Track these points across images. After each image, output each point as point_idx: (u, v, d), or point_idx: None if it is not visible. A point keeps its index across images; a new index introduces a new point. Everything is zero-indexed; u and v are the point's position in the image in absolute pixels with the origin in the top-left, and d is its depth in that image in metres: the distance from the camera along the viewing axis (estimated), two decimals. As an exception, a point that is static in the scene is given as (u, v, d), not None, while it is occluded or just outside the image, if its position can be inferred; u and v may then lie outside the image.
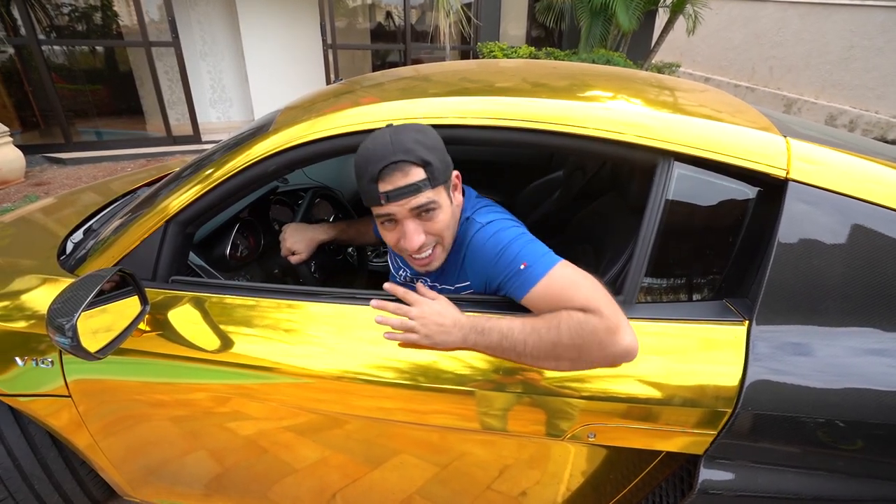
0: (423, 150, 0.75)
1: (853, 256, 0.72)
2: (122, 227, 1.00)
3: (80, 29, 4.92)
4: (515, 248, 0.77)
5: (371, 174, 0.75)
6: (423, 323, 0.78)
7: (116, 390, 0.96)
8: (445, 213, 0.80)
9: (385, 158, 0.73)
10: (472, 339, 0.76)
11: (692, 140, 0.78)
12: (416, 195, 0.75)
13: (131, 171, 3.94)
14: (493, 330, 0.75)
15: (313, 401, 0.87)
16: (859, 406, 0.69)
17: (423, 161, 0.74)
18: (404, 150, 0.74)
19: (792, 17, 7.46)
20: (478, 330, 0.76)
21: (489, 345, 0.75)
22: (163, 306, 0.93)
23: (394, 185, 0.74)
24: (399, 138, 0.75)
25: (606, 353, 0.70)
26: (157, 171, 1.81)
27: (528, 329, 0.73)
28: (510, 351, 0.74)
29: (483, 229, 0.82)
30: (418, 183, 0.74)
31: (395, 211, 0.77)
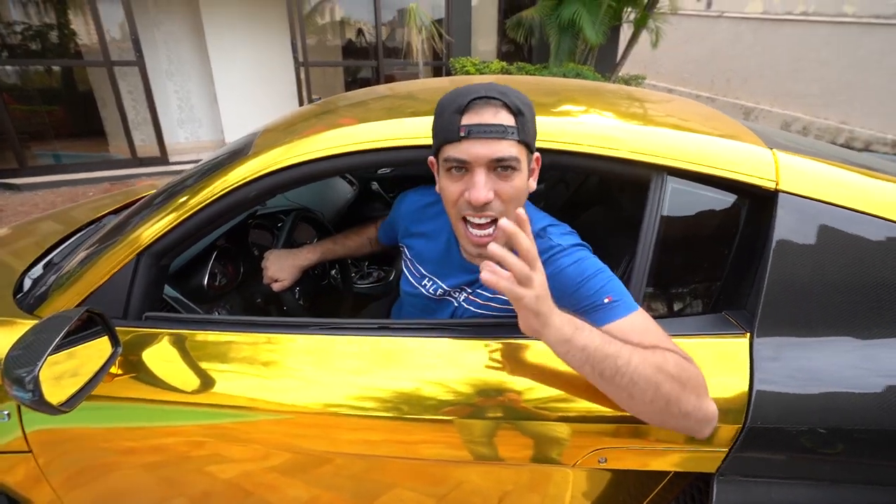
0: (519, 100, 0.69)
1: (846, 263, 0.73)
2: (87, 261, 0.93)
3: (35, 48, 4.72)
4: (601, 281, 0.71)
5: (458, 105, 0.68)
6: (540, 281, 0.61)
7: (82, 439, 0.88)
8: (521, 178, 0.72)
9: (479, 91, 0.68)
10: (571, 330, 0.61)
11: (685, 154, 0.78)
12: (500, 140, 0.68)
13: (94, 195, 3.76)
14: (595, 332, 0.62)
15: (296, 437, 0.82)
16: (869, 414, 0.69)
17: (516, 109, 0.68)
18: (501, 91, 0.69)
19: (745, 31, 7.90)
20: (578, 323, 0.62)
21: (588, 343, 0.60)
22: (136, 346, 0.86)
23: (481, 120, 0.68)
24: (495, 84, 0.71)
25: (701, 403, 0.61)
26: (124, 197, 1.72)
27: (630, 346, 0.61)
28: (610, 359, 0.60)
29: (566, 252, 0.76)
30: (507, 126, 0.68)
31: (473, 155, 0.68)
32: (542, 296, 0.60)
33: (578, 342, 0.61)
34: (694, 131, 0.83)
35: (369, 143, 0.84)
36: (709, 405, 0.63)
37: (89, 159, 4.93)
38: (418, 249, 0.96)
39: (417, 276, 0.96)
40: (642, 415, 0.64)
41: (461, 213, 0.74)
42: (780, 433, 0.70)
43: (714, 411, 0.63)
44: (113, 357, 0.80)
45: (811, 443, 0.70)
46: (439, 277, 0.92)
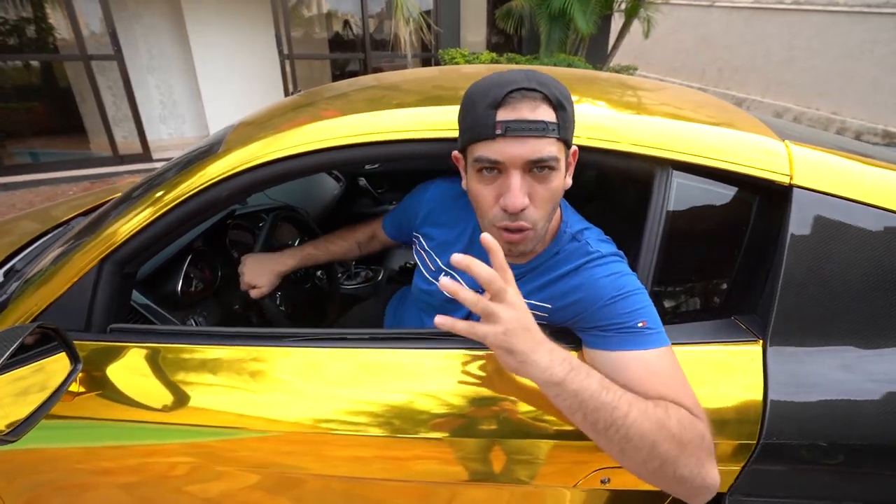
0: (559, 93, 0.61)
1: (867, 264, 0.68)
2: (47, 269, 0.86)
3: (8, 42, 4.54)
4: (638, 302, 0.64)
5: (492, 98, 0.59)
6: (510, 316, 0.54)
7: (40, 462, 0.81)
8: (559, 179, 0.64)
9: (516, 83, 0.59)
10: (563, 370, 0.55)
11: (692, 147, 0.72)
12: (540, 137, 0.59)
13: (73, 194, 3.64)
14: (593, 375, 0.56)
15: (281, 454, 0.76)
16: (891, 429, 0.65)
17: (557, 102, 0.60)
18: (540, 81, 0.60)
19: (736, 20, 7.86)
20: (573, 364, 0.56)
21: (582, 388, 0.54)
22: (100, 361, 0.79)
23: (519, 115, 0.59)
24: (535, 72, 0.62)
25: (702, 469, 0.55)
26: (106, 194, 1.63)
27: (632, 395, 0.56)
28: (605, 409, 0.54)
29: (604, 262, 0.69)
30: (548, 123, 0.59)
31: (508, 153, 0.60)
32: (515, 330, 0.54)
33: (571, 386, 0.54)
34: (700, 122, 0.77)
35: (352, 138, 0.78)
36: (709, 473, 0.56)
37: (69, 157, 4.77)
38: (440, 240, 0.87)
39: (434, 270, 0.87)
40: (631, 471, 0.58)
41: (495, 223, 0.66)
42: (797, 449, 0.65)
43: (714, 481, 0.56)
44: (72, 375, 0.73)
45: (832, 460, 0.66)
46: (460, 274, 0.82)
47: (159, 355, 0.79)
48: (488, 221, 0.67)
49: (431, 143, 0.77)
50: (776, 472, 0.68)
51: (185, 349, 0.79)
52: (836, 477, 0.68)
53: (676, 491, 0.57)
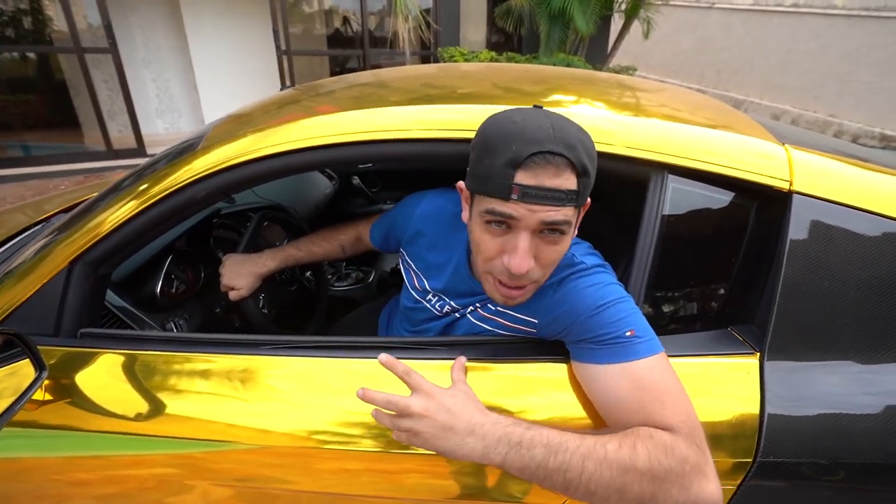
0: (587, 157, 0.56)
1: (871, 273, 0.65)
2: (15, 269, 0.82)
3: (2, 34, 4.48)
4: (623, 310, 0.62)
5: (514, 156, 0.54)
6: (425, 423, 0.56)
7: (13, 472, 0.78)
8: (568, 241, 0.61)
9: (541, 143, 0.54)
10: (500, 454, 0.54)
11: (688, 151, 0.69)
12: (558, 207, 0.56)
13: (66, 188, 3.59)
14: (536, 443, 0.54)
15: (267, 467, 0.72)
16: (893, 446, 0.62)
17: (582, 168, 0.55)
18: (568, 144, 0.54)
19: (735, 23, 7.85)
20: (512, 441, 0.54)
21: (525, 464, 0.54)
22: (69, 367, 0.76)
23: (538, 182, 0.54)
24: (563, 126, 0.56)
25: (689, 494, 0.52)
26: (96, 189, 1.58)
27: (588, 445, 0.53)
28: (557, 474, 0.53)
29: (588, 273, 0.66)
30: (567, 192, 0.55)
31: (522, 215, 0.56)
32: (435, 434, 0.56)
33: (513, 466, 0.54)
34: (697, 124, 0.74)
35: (334, 137, 0.74)
36: (701, 493, 0.53)
37: (62, 151, 4.70)
38: (428, 263, 0.84)
39: (420, 290, 0.85)
40: None
41: (493, 273, 0.63)
42: (795, 466, 0.62)
43: (712, 496, 0.53)
44: (35, 383, 0.69)
45: (832, 477, 0.63)
46: (448, 295, 0.81)
47: (134, 362, 0.76)
48: (486, 269, 0.64)
49: (422, 143, 0.74)
50: (774, 490, 0.65)
51: (162, 356, 0.76)
52: (836, 495, 0.66)
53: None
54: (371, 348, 0.74)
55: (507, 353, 0.71)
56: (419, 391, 0.59)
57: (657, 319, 0.75)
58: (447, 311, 0.82)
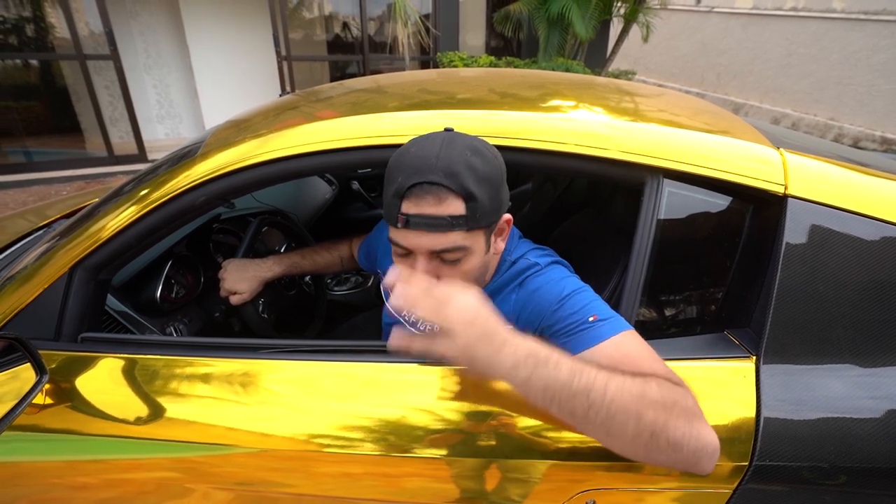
0: (473, 179, 0.58)
1: (867, 277, 0.65)
2: (18, 274, 0.83)
3: (4, 41, 4.51)
4: (584, 299, 0.64)
5: (398, 186, 0.58)
6: (463, 325, 0.52)
7: (12, 476, 0.78)
8: (475, 260, 0.64)
9: (420, 173, 0.57)
10: (527, 370, 0.51)
11: (683, 155, 0.70)
12: (443, 233, 0.59)
13: (67, 194, 3.60)
14: (562, 363, 0.52)
15: (267, 471, 0.72)
16: (892, 450, 0.62)
17: (466, 194, 0.58)
18: (449, 171, 0.57)
19: (735, 26, 7.88)
20: (539, 357, 0.52)
21: (550, 382, 0.51)
22: (70, 371, 0.76)
23: (419, 210, 0.58)
24: (449, 153, 0.59)
25: (693, 429, 0.52)
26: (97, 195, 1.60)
27: (607, 371, 0.52)
28: (580, 395, 0.51)
29: (544, 272, 0.69)
30: (452, 218, 0.58)
31: (412, 244, 0.61)
32: (472, 341, 0.52)
33: (539, 383, 0.51)
34: (692, 129, 0.75)
35: (338, 142, 0.75)
36: (703, 431, 0.53)
37: (63, 157, 4.72)
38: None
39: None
40: (624, 452, 0.55)
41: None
42: (792, 470, 0.62)
43: (712, 440, 0.53)
44: (36, 387, 0.70)
45: (829, 481, 0.63)
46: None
47: (135, 366, 0.76)
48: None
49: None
50: (770, 494, 0.65)
51: (162, 360, 0.76)
52: (833, 499, 0.66)
53: (677, 460, 0.53)
54: (371, 352, 0.75)
55: None
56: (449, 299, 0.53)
57: (653, 323, 0.75)
58: (418, 324, 0.84)
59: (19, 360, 0.70)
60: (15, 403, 0.67)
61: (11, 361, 0.69)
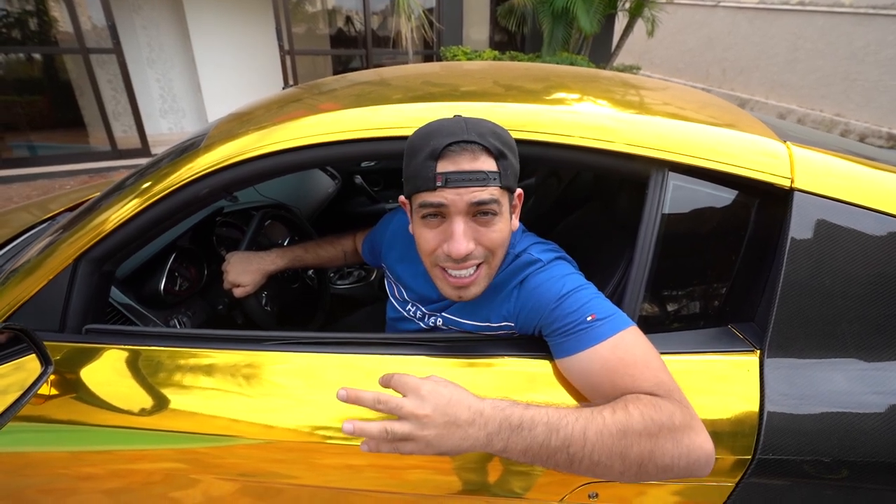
0: (500, 142, 0.63)
1: (872, 271, 0.65)
2: (23, 266, 0.83)
3: (8, 35, 4.51)
4: (583, 297, 0.64)
5: (431, 149, 0.61)
6: (424, 423, 0.52)
7: (20, 467, 0.79)
8: (503, 223, 0.65)
9: (455, 134, 0.61)
10: (502, 440, 0.52)
11: (688, 148, 0.69)
12: (482, 187, 0.61)
13: (71, 188, 3.61)
14: (537, 423, 0.52)
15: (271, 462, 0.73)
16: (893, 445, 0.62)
17: (498, 152, 0.62)
18: (479, 133, 0.62)
19: (741, 21, 7.80)
20: (512, 424, 0.52)
21: (528, 446, 0.52)
22: (74, 363, 0.76)
23: (458, 167, 0.61)
24: (475, 122, 0.64)
25: (681, 448, 0.53)
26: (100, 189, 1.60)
27: (586, 416, 0.53)
28: (560, 451, 0.52)
29: (546, 268, 0.70)
30: (488, 172, 0.61)
31: (450, 200, 0.61)
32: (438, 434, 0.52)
33: (517, 448, 0.52)
34: (698, 122, 0.74)
35: (341, 134, 0.75)
36: (694, 444, 0.53)
37: (67, 151, 4.74)
38: (404, 274, 0.87)
39: (401, 300, 0.88)
40: (616, 481, 0.57)
41: (438, 263, 0.67)
42: (795, 464, 0.62)
43: (704, 450, 0.54)
44: (41, 378, 0.70)
45: (832, 475, 0.63)
46: (422, 303, 0.84)
47: (139, 358, 0.77)
48: (431, 263, 0.68)
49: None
50: (773, 488, 0.65)
51: (166, 351, 0.77)
52: (835, 493, 0.66)
53: (671, 477, 0.54)
54: (374, 344, 0.75)
55: (508, 350, 0.71)
56: (414, 391, 0.54)
57: (657, 316, 0.75)
58: (423, 318, 0.84)
59: (24, 351, 0.70)
60: (20, 394, 0.68)
61: (17, 352, 0.69)
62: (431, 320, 0.82)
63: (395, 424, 0.52)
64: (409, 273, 0.85)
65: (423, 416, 0.52)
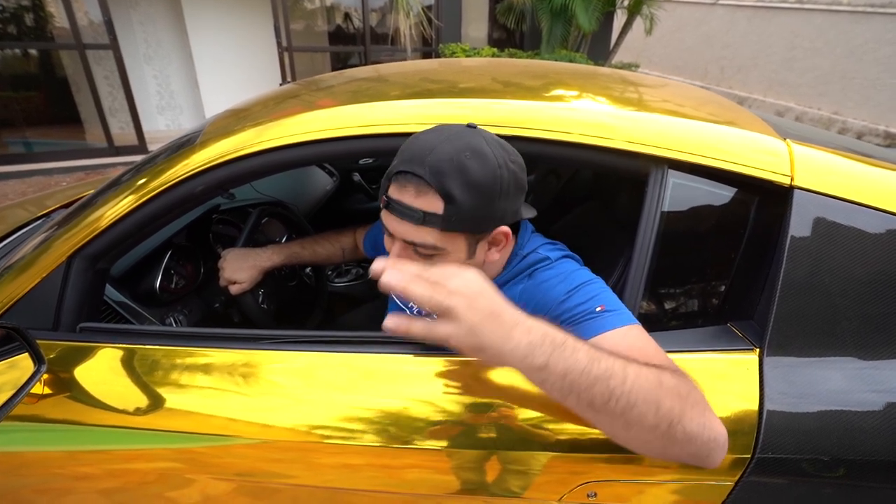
0: (460, 182, 0.57)
1: (873, 269, 0.64)
2: (16, 263, 0.82)
3: (7, 30, 4.47)
4: (592, 290, 0.63)
5: (392, 168, 0.62)
6: (467, 304, 0.46)
7: (15, 466, 0.78)
8: (451, 263, 0.62)
9: (409, 162, 0.59)
10: (545, 353, 0.46)
11: (688, 145, 0.69)
12: (415, 226, 0.60)
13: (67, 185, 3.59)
14: (579, 347, 0.47)
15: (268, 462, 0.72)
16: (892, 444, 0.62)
17: (445, 194, 0.57)
18: (435, 168, 0.57)
19: (739, 19, 7.80)
20: (556, 341, 0.47)
21: (569, 367, 0.46)
22: (68, 361, 0.76)
23: (399, 197, 0.60)
24: (445, 149, 0.58)
25: (705, 419, 0.50)
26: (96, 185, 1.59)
27: (622, 359, 0.49)
28: (600, 382, 0.46)
29: (554, 265, 0.70)
30: (425, 214, 0.58)
31: (391, 226, 0.63)
32: (479, 322, 0.46)
33: (557, 368, 0.46)
34: (698, 119, 0.74)
35: (338, 131, 0.74)
36: (714, 422, 0.51)
37: (63, 147, 4.70)
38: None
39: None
40: (640, 446, 0.52)
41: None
42: (794, 463, 0.62)
43: (722, 432, 0.52)
44: (34, 377, 0.69)
45: (831, 474, 0.63)
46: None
47: (134, 356, 0.76)
48: None
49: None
50: (772, 487, 0.65)
51: (162, 350, 0.76)
52: (835, 492, 0.66)
53: (689, 453, 0.51)
54: (372, 343, 0.74)
55: None
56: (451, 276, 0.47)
57: (657, 315, 0.74)
58: (427, 315, 0.82)
59: (17, 349, 0.69)
60: (13, 393, 0.67)
61: (9, 351, 0.69)
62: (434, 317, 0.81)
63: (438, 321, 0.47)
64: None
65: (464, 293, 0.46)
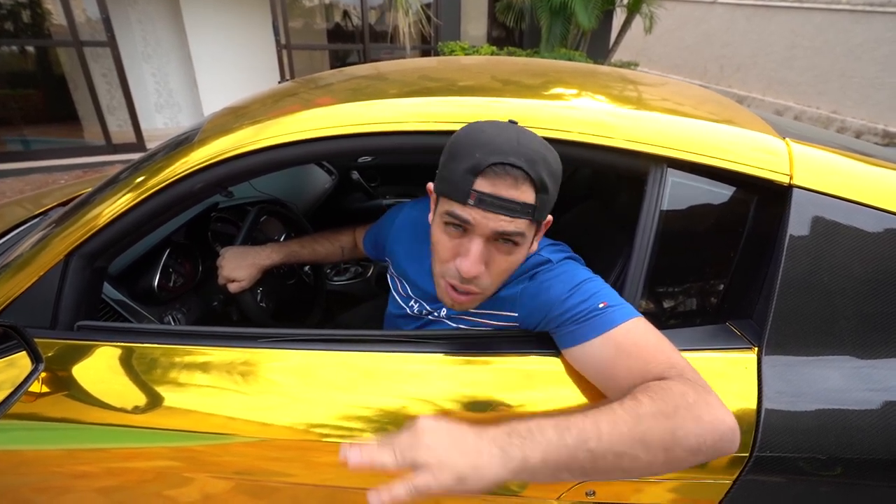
0: (547, 172, 0.58)
1: (871, 268, 0.65)
2: (14, 262, 0.82)
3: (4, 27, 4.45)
4: (593, 287, 0.64)
5: (475, 162, 0.57)
6: (437, 459, 0.47)
7: (14, 465, 0.78)
8: (522, 252, 0.64)
9: (503, 153, 0.56)
10: (517, 447, 0.47)
11: (687, 144, 0.69)
12: (512, 218, 0.58)
13: (65, 183, 3.58)
14: (544, 426, 0.49)
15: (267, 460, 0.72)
16: (891, 442, 0.62)
17: (541, 185, 0.58)
18: (529, 159, 0.57)
19: (739, 18, 7.79)
20: (521, 432, 0.48)
21: (545, 451, 0.47)
22: (66, 360, 0.76)
23: (495, 191, 0.57)
24: (528, 141, 0.59)
25: (704, 425, 0.50)
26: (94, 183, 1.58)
27: (593, 412, 0.50)
28: (579, 449, 0.47)
29: (556, 266, 0.70)
30: (524, 205, 0.58)
31: (476, 221, 0.59)
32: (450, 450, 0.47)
33: (536, 456, 0.47)
34: (697, 118, 0.74)
35: (337, 129, 0.74)
36: (716, 418, 0.50)
37: (61, 145, 4.68)
38: (409, 270, 0.86)
39: (405, 296, 0.87)
40: (651, 475, 0.54)
41: (445, 276, 0.66)
42: (792, 462, 0.62)
43: (725, 421, 0.51)
44: (32, 375, 0.69)
45: (829, 473, 0.63)
46: (424, 299, 0.83)
47: (132, 355, 0.76)
48: (440, 272, 0.67)
49: (420, 135, 0.73)
50: (770, 485, 0.65)
51: (160, 348, 0.76)
52: (833, 490, 0.66)
53: (704, 460, 0.51)
54: (371, 342, 0.74)
55: (509, 347, 0.71)
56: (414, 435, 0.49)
57: (655, 313, 0.74)
58: (424, 314, 0.83)
59: (15, 348, 0.69)
60: (11, 391, 0.67)
61: (7, 350, 0.68)
62: (435, 316, 0.81)
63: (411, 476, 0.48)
64: (414, 270, 0.84)
65: (430, 451, 0.48)
